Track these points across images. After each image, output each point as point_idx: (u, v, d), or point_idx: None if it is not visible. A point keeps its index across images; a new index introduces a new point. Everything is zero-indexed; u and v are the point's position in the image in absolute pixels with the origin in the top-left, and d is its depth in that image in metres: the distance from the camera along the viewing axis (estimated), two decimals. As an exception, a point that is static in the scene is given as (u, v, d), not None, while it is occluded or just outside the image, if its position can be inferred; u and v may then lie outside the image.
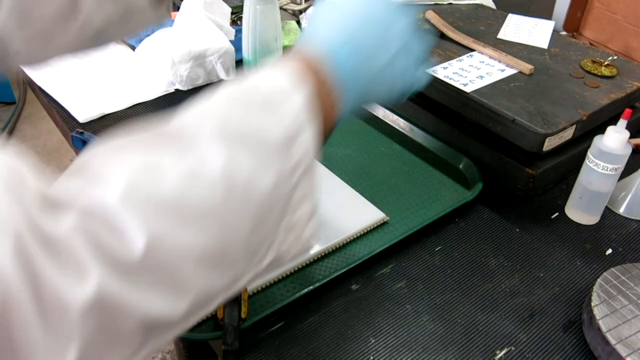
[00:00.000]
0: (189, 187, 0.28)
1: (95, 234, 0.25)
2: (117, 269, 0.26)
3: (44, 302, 0.24)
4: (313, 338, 0.49)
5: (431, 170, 0.70)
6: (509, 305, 0.53)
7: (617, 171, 0.58)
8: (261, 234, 0.32)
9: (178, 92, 0.88)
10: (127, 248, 0.26)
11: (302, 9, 1.16)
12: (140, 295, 0.27)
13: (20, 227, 0.24)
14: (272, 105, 0.33)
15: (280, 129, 0.32)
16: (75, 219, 0.25)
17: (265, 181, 0.31)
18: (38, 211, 0.25)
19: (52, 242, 0.24)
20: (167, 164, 0.29)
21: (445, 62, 0.76)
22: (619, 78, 0.73)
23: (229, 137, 0.30)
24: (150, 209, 0.27)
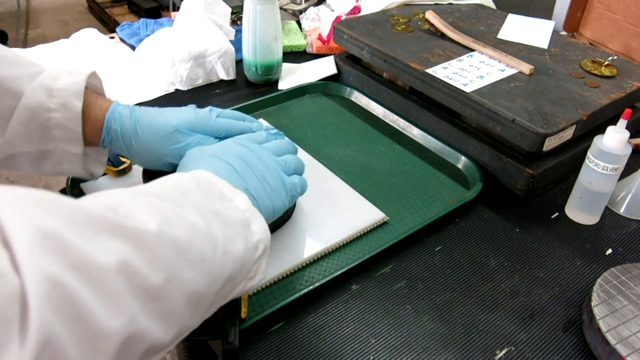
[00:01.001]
0: (192, 236, 0.34)
1: (131, 265, 0.29)
2: (144, 301, 0.29)
3: (81, 331, 0.25)
4: (313, 338, 0.49)
5: (431, 170, 0.70)
6: (509, 305, 0.53)
7: (617, 171, 0.58)
8: (224, 291, 0.38)
9: (178, 92, 0.88)
10: (151, 280, 0.30)
11: (302, 9, 1.16)
12: (152, 325, 0.30)
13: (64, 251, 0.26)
14: (227, 198, 0.41)
15: (238, 213, 0.40)
16: (117, 249, 0.28)
17: (237, 247, 0.38)
18: (82, 237, 0.27)
19: (98, 272, 0.27)
20: (174, 215, 0.34)
21: (445, 62, 0.76)
22: (619, 78, 0.73)
23: (203, 212, 0.37)
24: (169, 248, 0.32)
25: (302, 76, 0.92)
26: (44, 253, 0.24)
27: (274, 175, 0.48)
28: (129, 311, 0.28)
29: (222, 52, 0.89)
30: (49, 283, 0.24)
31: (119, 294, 0.28)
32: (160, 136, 0.51)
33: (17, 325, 0.23)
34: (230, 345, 0.43)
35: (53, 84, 0.49)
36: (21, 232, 0.24)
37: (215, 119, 0.54)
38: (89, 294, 0.26)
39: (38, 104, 0.48)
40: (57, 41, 1.02)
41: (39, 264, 0.24)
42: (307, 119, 0.81)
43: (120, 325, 0.27)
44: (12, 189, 0.26)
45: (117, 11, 3.18)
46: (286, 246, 0.55)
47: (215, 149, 0.49)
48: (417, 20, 0.90)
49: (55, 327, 0.24)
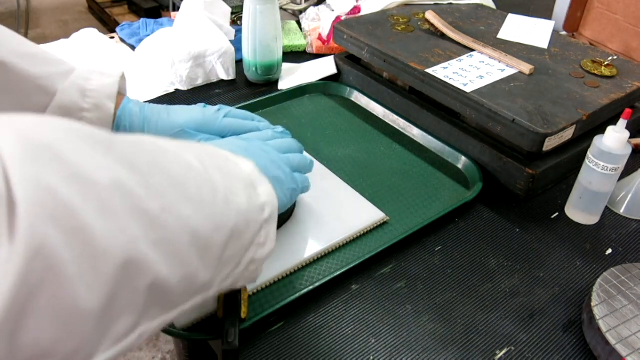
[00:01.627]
0: (188, 174, 0.32)
1: (127, 185, 0.27)
2: (143, 225, 0.27)
3: (79, 243, 0.24)
4: (313, 338, 0.49)
5: (431, 170, 0.70)
6: (509, 305, 0.53)
7: (617, 171, 0.58)
8: (233, 249, 0.35)
9: (178, 92, 0.88)
10: (148, 204, 0.28)
11: (302, 9, 1.16)
12: (154, 257, 0.28)
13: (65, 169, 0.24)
14: (232, 160, 0.39)
15: (241, 172, 0.38)
16: (112, 167, 0.27)
17: (240, 200, 0.35)
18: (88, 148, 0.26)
19: (93, 186, 0.25)
20: (171, 152, 0.32)
21: (445, 62, 0.76)
22: (619, 78, 0.73)
23: (203, 160, 0.35)
24: (162, 177, 0.30)
25: (302, 76, 0.92)
26: (37, 163, 0.23)
27: (275, 167, 0.47)
28: (129, 232, 0.26)
29: (222, 52, 0.89)
30: (42, 190, 0.23)
31: (117, 212, 0.26)
32: (167, 135, 0.52)
33: (4, 230, 0.21)
34: (230, 345, 0.43)
35: (86, 84, 0.49)
36: (12, 142, 0.23)
37: (222, 119, 0.54)
38: (87, 207, 0.24)
39: (71, 103, 0.48)
40: (57, 41, 1.02)
41: (30, 172, 0.23)
42: (307, 119, 0.81)
43: (120, 244, 0.25)
44: (9, 114, 0.25)
45: (117, 11, 3.18)
46: (286, 246, 0.55)
47: (220, 143, 0.49)
48: (417, 20, 0.90)
49: (49, 235, 0.23)
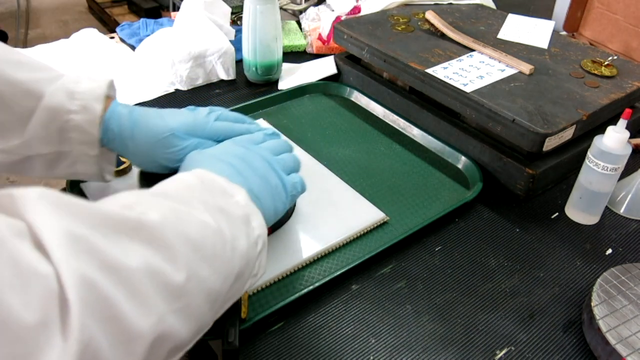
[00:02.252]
0: (205, 234, 0.35)
1: (155, 265, 0.29)
2: (170, 300, 0.29)
3: (116, 332, 0.26)
4: (313, 338, 0.49)
5: (431, 170, 0.70)
6: (509, 305, 0.53)
7: (617, 171, 0.58)
8: (235, 289, 0.39)
9: (178, 92, 0.88)
10: (174, 278, 0.30)
11: (302, 9, 1.16)
12: (177, 325, 0.30)
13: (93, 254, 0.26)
14: (228, 194, 0.41)
15: (239, 209, 0.40)
16: (140, 250, 0.29)
17: (242, 242, 0.39)
18: (106, 240, 0.28)
19: (126, 274, 0.27)
20: (185, 212, 0.35)
21: (445, 62, 0.76)
22: (619, 78, 0.73)
23: (210, 209, 0.37)
24: (186, 247, 0.32)
25: (302, 76, 0.92)
26: (77, 256, 0.25)
27: (274, 175, 0.48)
28: (157, 311, 0.29)
29: (222, 52, 0.88)
30: (86, 285, 0.24)
31: (147, 294, 0.28)
32: (157, 139, 0.51)
33: (58, 327, 0.23)
34: (230, 345, 0.43)
35: (74, 87, 0.49)
36: (52, 234, 0.25)
37: (213, 122, 0.53)
38: (121, 295, 0.26)
39: (59, 105, 0.48)
40: (57, 41, 1.02)
41: (75, 268, 0.24)
42: (307, 119, 0.81)
43: (150, 325, 0.28)
44: (32, 189, 0.27)
45: (117, 11, 3.18)
46: (286, 246, 0.55)
47: (214, 151, 0.49)
48: (417, 20, 0.90)
49: (93, 329, 0.24)
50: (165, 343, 0.30)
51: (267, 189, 0.47)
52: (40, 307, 0.22)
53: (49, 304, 0.23)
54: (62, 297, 0.23)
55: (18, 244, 0.23)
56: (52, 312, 0.23)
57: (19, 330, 0.22)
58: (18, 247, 0.23)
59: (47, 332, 0.22)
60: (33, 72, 0.48)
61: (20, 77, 0.47)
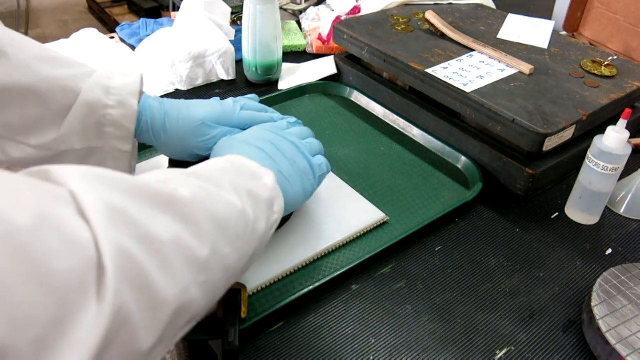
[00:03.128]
0: (230, 214, 0.36)
1: (183, 239, 0.31)
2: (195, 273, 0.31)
3: (146, 299, 0.27)
4: (313, 338, 0.49)
5: (431, 170, 0.70)
6: (509, 305, 0.53)
7: (617, 171, 0.58)
8: (248, 265, 0.40)
9: (178, 92, 0.88)
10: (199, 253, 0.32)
11: (302, 9, 1.16)
12: (198, 297, 0.32)
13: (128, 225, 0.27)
14: (257, 176, 0.43)
15: (266, 192, 0.42)
16: (170, 224, 0.30)
17: (261, 225, 0.40)
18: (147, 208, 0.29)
19: (158, 245, 0.29)
20: (215, 192, 0.36)
21: (445, 62, 0.76)
22: (619, 78, 0.73)
23: (238, 191, 0.39)
24: (212, 224, 0.34)
25: (302, 76, 0.92)
26: (116, 226, 0.26)
27: (302, 157, 0.50)
28: (183, 282, 0.30)
29: (222, 52, 0.89)
30: (122, 254, 0.26)
31: (175, 266, 0.30)
32: (188, 129, 0.54)
33: (94, 291, 0.24)
34: (230, 345, 0.43)
35: (109, 83, 0.51)
36: (95, 206, 0.26)
37: (239, 111, 0.56)
38: (152, 264, 0.28)
39: (96, 100, 0.49)
40: (57, 41, 1.02)
41: (113, 237, 0.26)
42: (307, 119, 0.81)
43: (175, 294, 0.29)
44: (76, 167, 0.28)
45: (117, 11, 3.18)
46: (286, 246, 0.55)
47: (246, 136, 0.51)
48: (417, 20, 0.90)
49: (126, 295, 0.25)
50: (186, 313, 0.31)
51: (296, 171, 0.49)
52: (80, 271, 0.24)
53: (87, 269, 0.24)
54: (100, 263, 0.25)
55: (62, 210, 0.25)
56: (90, 277, 0.24)
57: (60, 291, 0.23)
58: (62, 212, 0.25)
59: (85, 294, 0.24)
60: (67, 69, 0.49)
61: (56, 74, 0.48)
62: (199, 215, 0.33)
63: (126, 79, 0.52)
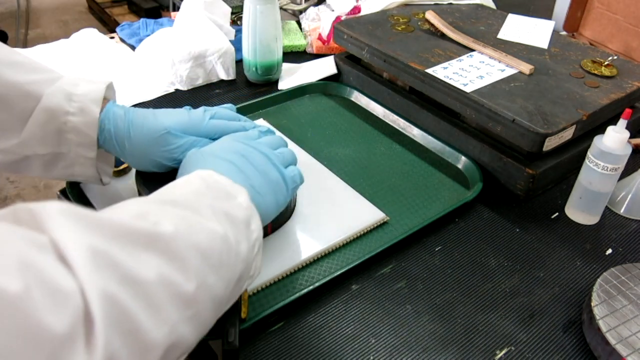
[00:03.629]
0: (213, 242, 0.36)
1: (168, 276, 0.30)
2: (182, 309, 0.31)
3: (135, 344, 0.27)
4: (313, 338, 0.49)
5: (431, 170, 0.70)
6: (509, 305, 0.53)
7: (617, 171, 0.58)
8: (235, 292, 0.40)
9: (178, 92, 0.88)
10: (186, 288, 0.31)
11: (302, 9, 1.16)
12: (188, 332, 0.32)
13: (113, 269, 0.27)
14: (231, 196, 0.42)
15: (242, 212, 0.41)
16: (157, 262, 0.30)
17: (243, 247, 0.39)
18: (126, 253, 0.28)
19: (143, 286, 0.28)
20: (196, 222, 0.35)
21: (445, 62, 0.76)
22: (619, 78, 0.73)
23: (217, 215, 0.38)
24: (196, 256, 0.33)
25: (302, 76, 0.92)
26: (100, 271, 0.26)
27: (274, 169, 0.49)
28: (171, 321, 0.30)
29: (222, 52, 0.88)
30: (108, 300, 0.25)
31: (162, 305, 0.29)
32: (152, 138, 0.52)
33: (82, 342, 0.24)
34: (230, 345, 0.43)
35: (73, 89, 0.50)
36: (77, 251, 0.25)
37: (208, 120, 0.54)
38: (139, 307, 0.27)
39: (56, 106, 0.49)
40: (57, 41, 1.02)
41: (98, 283, 0.25)
42: (307, 119, 0.81)
43: (164, 335, 0.29)
44: (56, 205, 0.27)
45: (117, 11, 3.18)
46: (286, 246, 0.55)
47: (214, 148, 0.49)
48: (417, 20, 0.90)
49: (115, 343, 0.25)
50: (176, 350, 0.31)
51: (268, 183, 0.47)
52: (68, 323, 0.23)
53: (75, 319, 0.24)
54: (87, 312, 0.24)
55: (43, 259, 0.24)
56: (78, 327, 0.24)
57: (49, 345, 0.22)
58: (43, 262, 0.24)
59: (73, 346, 0.23)
60: (32, 74, 0.49)
61: (19, 78, 0.48)
62: (182, 249, 0.32)
63: (91, 86, 0.51)
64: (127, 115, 0.52)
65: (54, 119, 0.49)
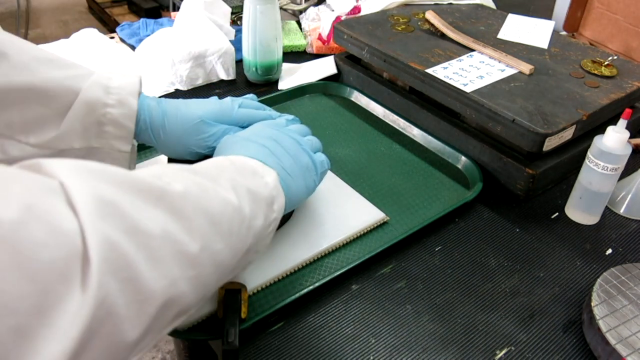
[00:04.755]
0: (225, 210, 0.37)
1: (173, 233, 0.31)
2: (184, 267, 0.31)
3: (132, 291, 0.27)
4: (313, 338, 0.49)
5: (431, 170, 0.70)
6: (509, 305, 0.53)
7: (617, 171, 0.58)
8: (241, 264, 0.41)
9: (178, 92, 0.88)
10: (189, 248, 0.32)
11: (302, 9, 1.16)
12: (187, 291, 0.32)
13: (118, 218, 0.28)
14: (258, 175, 0.43)
15: (267, 191, 0.43)
16: (161, 218, 0.30)
17: (258, 223, 0.41)
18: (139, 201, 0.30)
19: (147, 238, 0.29)
20: (209, 188, 0.37)
21: (445, 62, 0.76)
22: (619, 78, 0.73)
23: (236, 188, 0.39)
24: (204, 219, 0.34)
25: (302, 76, 0.92)
26: (104, 218, 0.27)
27: (305, 154, 0.51)
28: (171, 275, 0.30)
29: (222, 52, 0.88)
30: (108, 246, 0.26)
31: (163, 259, 0.30)
32: (187, 127, 0.54)
33: (78, 281, 0.24)
34: (230, 345, 0.43)
35: (109, 82, 0.51)
36: (84, 197, 0.26)
37: (237, 109, 0.56)
38: (140, 257, 0.28)
39: (96, 99, 0.50)
40: (57, 41, 1.02)
41: (100, 229, 0.26)
42: (307, 119, 0.81)
43: (162, 287, 0.29)
44: (69, 160, 0.28)
45: (117, 11, 3.18)
46: (286, 246, 0.55)
47: (248, 134, 0.51)
48: (417, 20, 0.90)
49: (110, 286, 0.26)
50: (174, 306, 0.31)
51: (299, 167, 0.49)
52: (64, 261, 0.24)
53: (71, 259, 0.24)
54: (85, 254, 0.25)
55: (51, 200, 0.25)
56: (74, 267, 0.24)
57: (42, 280, 0.23)
58: (50, 203, 0.25)
59: (68, 284, 0.24)
60: (67, 70, 0.50)
61: (56, 74, 0.49)
62: (191, 210, 0.33)
63: (126, 79, 0.52)
64: (160, 106, 0.54)
65: (94, 111, 0.50)
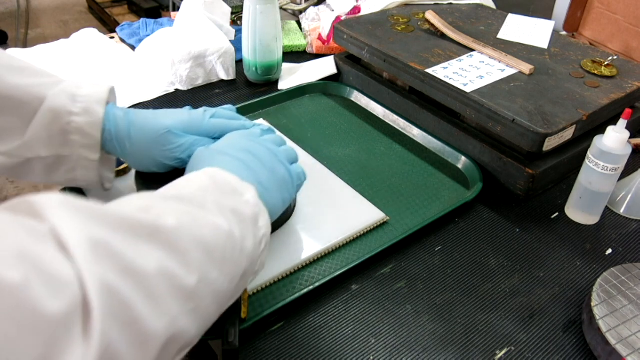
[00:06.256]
0: (218, 237, 0.36)
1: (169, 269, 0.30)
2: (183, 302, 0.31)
3: (133, 335, 0.27)
4: (313, 338, 0.49)
5: (431, 170, 0.70)
6: (509, 305, 0.53)
7: (617, 171, 0.58)
8: (239, 288, 0.40)
9: (178, 92, 0.88)
10: (187, 281, 0.32)
11: (302, 9, 1.16)
12: (188, 325, 0.32)
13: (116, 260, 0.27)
14: (238, 193, 0.42)
15: (249, 208, 0.41)
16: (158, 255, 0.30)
17: (249, 243, 0.40)
18: (129, 242, 0.29)
19: (143, 278, 0.28)
20: (200, 216, 0.36)
21: (445, 62, 0.76)
22: (619, 78, 0.73)
23: (223, 210, 0.38)
24: (198, 250, 0.33)
25: (302, 76, 0.92)
26: (100, 261, 0.26)
27: (281, 166, 0.49)
28: (171, 313, 0.30)
29: (222, 52, 0.88)
30: (107, 290, 0.25)
31: (162, 297, 0.29)
32: (153, 137, 0.52)
33: (80, 331, 0.24)
34: (230, 345, 0.43)
35: (76, 91, 0.50)
36: (78, 240, 0.26)
37: (209, 119, 0.54)
38: (138, 298, 0.27)
39: (61, 106, 0.49)
40: (57, 41, 1.02)
41: (97, 272, 0.25)
42: (307, 119, 0.81)
43: (163, 327, 0.29)
44: (56, 197, 0.27)
45: (117, 11, 3.18)
46: (286, 246, 0.55)
47: (222, 145, 0.50)
48: (417, 20, 0.90)
49: (113, 332, 0.25)
50: (176, 342, 0.31)
51: (275, 180, 0.48)
52: (65, 311, 0.23)
53: (72, 308, 0.24)
54: (85, 301, 0.24)
55: (42, 248, 0.24)
56: (75, 316, 0.24)
57: (45, 332, 0.22)
58: (42, 250, 0.24)
59: (70, 334, 0.23)
60: (34, 77, 0.49)
61: (22, 81, 0.48)
62: (184, 243, 0.33)
63: (94, 88, 0.51)
64: (127, 116, 0.52)
65: (58, 120, 0.49)
